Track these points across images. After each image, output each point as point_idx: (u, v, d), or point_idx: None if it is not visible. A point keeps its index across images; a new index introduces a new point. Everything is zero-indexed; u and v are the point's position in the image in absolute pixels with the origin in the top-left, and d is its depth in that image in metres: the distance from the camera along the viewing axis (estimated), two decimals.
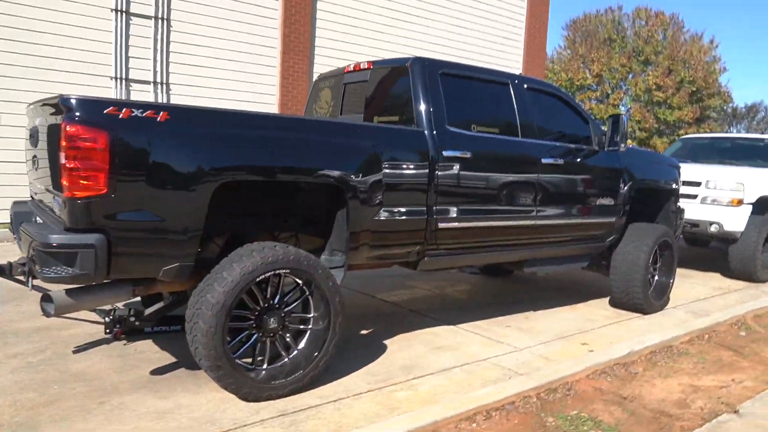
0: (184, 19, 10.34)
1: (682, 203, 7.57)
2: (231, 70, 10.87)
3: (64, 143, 2.74)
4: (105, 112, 2.80)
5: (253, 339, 3.35)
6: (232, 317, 3.22)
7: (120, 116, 2.83)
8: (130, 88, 9.91)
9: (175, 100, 10.33)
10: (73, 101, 2.78)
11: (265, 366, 3.37)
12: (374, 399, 3.43)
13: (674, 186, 6.10)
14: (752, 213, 7.41)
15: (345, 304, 3.57)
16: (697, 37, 30.34)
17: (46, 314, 3.03)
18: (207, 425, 3.00)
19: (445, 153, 4.04)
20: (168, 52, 10.25)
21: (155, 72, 10.08)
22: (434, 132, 4.02)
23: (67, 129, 2.73)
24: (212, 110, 3.31)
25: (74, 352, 3.98)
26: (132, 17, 9.85)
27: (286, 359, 3.43)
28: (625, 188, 5.42)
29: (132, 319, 4.07)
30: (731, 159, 8.64)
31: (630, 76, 29.55)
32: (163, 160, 2.93)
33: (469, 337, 4.67)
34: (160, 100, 10.12)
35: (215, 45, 10.69)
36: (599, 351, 4.40)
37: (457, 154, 4.11)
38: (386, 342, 4.45)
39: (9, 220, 3.98)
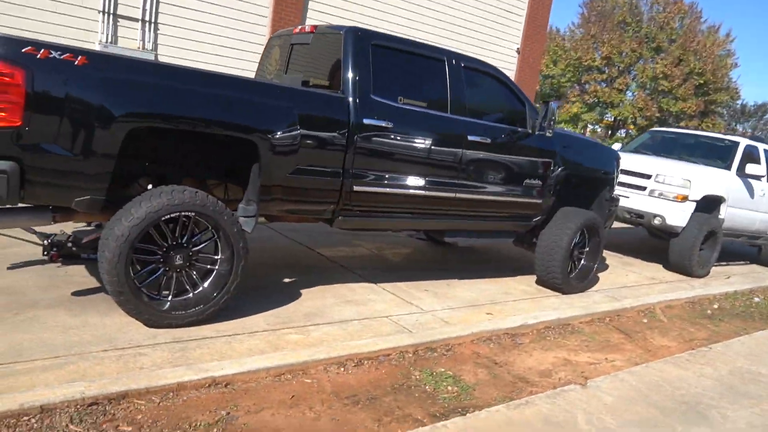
0: None
1: (632, 194, 7.88)
2: (222, 16, 10.96)
3: None
4: (23, 50, 3.06)
5: (159, 272, 3.69)
6: (142, 251, 3.57)
7: (38, 56, 3.09)
8: (118, 23, 10.05)
9: (162, 41, 10.49)
10: None
11: (169, 297, 3.72)
12: (266, 338, 3.78)
13: (610, 175, 6.34)
14: (696, 210, 7.66)
15: (249, 250, 3.90)
16: (713, 29, 29.92)
17: None
18: (104, 342, 3.37)
19: (365, 121, 4.29)
20: None
21: (144, 10, 10.20)
22: (357, 100, 4.26)
23: None
24: (130, 59, 3.57)
25: (8, 268, 4.34)
26: None
27: (191, 294, 3.78)
28: (556, 172, 5.66)
29: (69, 245, 4.44)
30: (691, 156, 8.83)
31: (640, 62, 29.26)
32: (77, 101, 3.20)
33: (383, 295, 5.01)
34: (146, 39, 10.29)
35: None
36: (496, 320, 4.74)
37: (379, 123, 4.36)
38: (303, 291, 4.80)
39: None
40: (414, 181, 4.68)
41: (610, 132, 30.91)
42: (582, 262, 6.14)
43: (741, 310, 6.66)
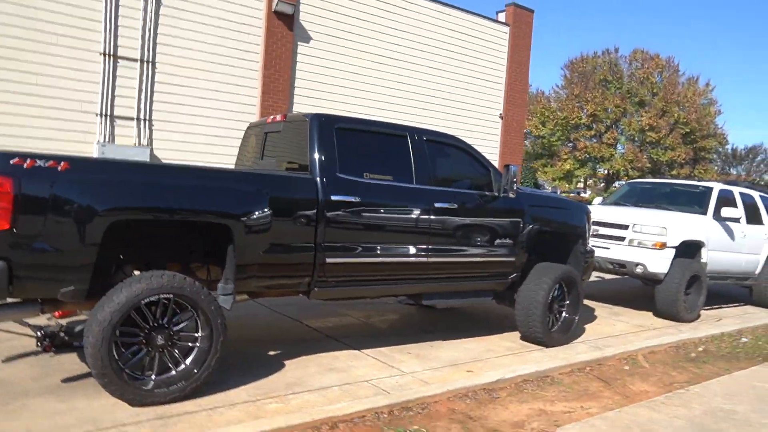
0: (168, 61, 11.16)
1: (612, 245, 8.11)
2: (212, 108, 11.64)
3: None
4: (12, 162, 3.44)
5: (142, 353, 3.91)
6: (125, 333, 3.81)
7: (25, 166, 3.47)
8: (115, 123, 10.70)
9: (156, 136, 11.11)
10: None
11: (153, 377, 3.92)
12: (246, 409, 3.95)
13: (581, 229, 6.60)
14: (676, 256, 7.86)
15: (227, 326, 4.14)
16: (692, 80, 31.00)
17: None
18: (88, 424, 3.56)
19: (333, 197, 4.62)
20: (152, 92, 11.06)
21: (139, 109, 10.88)
22: (324, 179, 4.61)
23: None
24: (106, 161, 3.96)
25: (3, 361, 4.57)
26: (119, 60, 10.71)
27: (174, 372, 3.99)
28: (525, 230, 5.94)
29: (62, 334, 4.70)
30: (669, 204, 9.12)
31: (625, 116, 30.16)
32: (60, 202, 3.55)
33: (366, 361, 5.18)
34: (142, 136, 10.91)
35: (197, 85, 11.50)
36: (473, 376, 4.88)
37: (346, 198, 4.69)
38: (286, 362, 4.98)
39: None
40: (385, 249, 4.97)
41: (604, 185, 31.47)
42: (564, 314, 6.30)
43: (727, 351, 6.73)
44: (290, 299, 6.82)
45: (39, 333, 4.62)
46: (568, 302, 6.31)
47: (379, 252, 4.94)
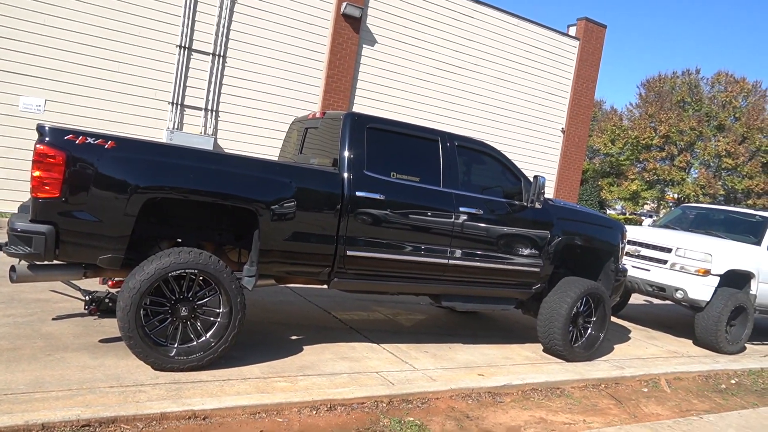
0: (238, 56, 11.76)
1: (653, 267, 7.94)
2: (275, 103, 12.17)
3: (35, 158, 3.83)
4: (66, 138, 3.86)
5: (167, 322, 4.27)
6: (154, 302, 4.18)
7: (76, 142, 3.88)
8: (184, 112, 11.39)
9: (221, 126, 11.73)
10: (46, 128, 3.87)
11: (175, 345, 4.27)
12: (256, 384, 4.23)
13: (613, 246, 6.51)
14: (720, 284, 7.60)
15: (246, 305, 4.44)
16: None
17: (11, 280, 4.09)
18: (112, 380, 3.93)
19: (358, 193, 4.84)
20: (221, 84, 11.69)
21: (207, 100, 11.53)
22: (351, 175, 4.84)
23: (38, 147, 3.82)
24: (148, 142, 4.33)
25: (53, 319, 5.06)
26: (193, 53, 11.38)
27: (195, 342, 4.32)
28: (553, 242, 5.95)
29: (107, 300, 5.19)
30: (721, 231, 8.80)
31: (701, 140, 28.86)
32: (104, 177, 3.94)
33: (381, 354, 5.36)
34: (208, 125, 11.55)
35: (263, 80, 12.05)
36: (480, 379, 4.97)
37: (371, 195, 4.90)
38: (305, 347, 5.24)
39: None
40: (405, 247, 5.14)
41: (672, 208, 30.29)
42: (589, 331, 6.26)
43: (762, 387, 6.46)
44: (326, 292, 7.13)
45: (87, 297, 5.15)
46: (594, 319, 6.27)
47: (399, 249, 5.11)
